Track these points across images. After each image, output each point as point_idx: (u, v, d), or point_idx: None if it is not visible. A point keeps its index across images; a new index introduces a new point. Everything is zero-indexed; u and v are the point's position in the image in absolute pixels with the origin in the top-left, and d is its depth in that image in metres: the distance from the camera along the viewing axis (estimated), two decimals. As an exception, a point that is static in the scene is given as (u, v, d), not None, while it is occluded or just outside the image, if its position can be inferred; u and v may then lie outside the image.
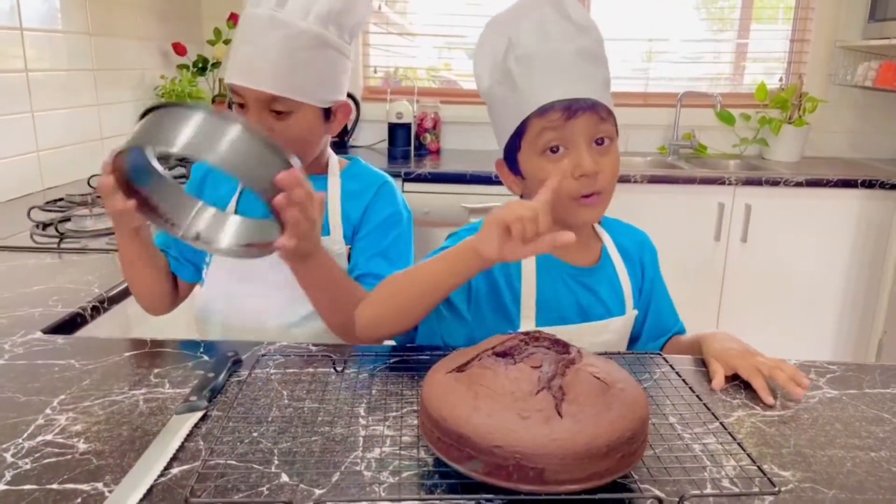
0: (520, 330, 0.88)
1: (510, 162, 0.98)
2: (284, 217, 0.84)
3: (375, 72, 3.19)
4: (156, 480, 0.63)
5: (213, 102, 2.78)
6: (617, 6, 3.04)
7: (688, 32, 3.13)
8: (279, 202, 0.82)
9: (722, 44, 3.22)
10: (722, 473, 0.66)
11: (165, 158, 2.00)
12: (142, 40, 2.54)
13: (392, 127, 2.87)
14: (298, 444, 0.70)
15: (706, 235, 2.55)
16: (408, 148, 2.89)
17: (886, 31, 2.61)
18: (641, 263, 1.08)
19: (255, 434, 0.72)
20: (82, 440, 0.71)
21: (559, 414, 0.61)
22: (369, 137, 3.03)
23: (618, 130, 0.95)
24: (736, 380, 0.88)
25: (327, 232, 1.09)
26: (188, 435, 0.71)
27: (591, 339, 0.97)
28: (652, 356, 0.94)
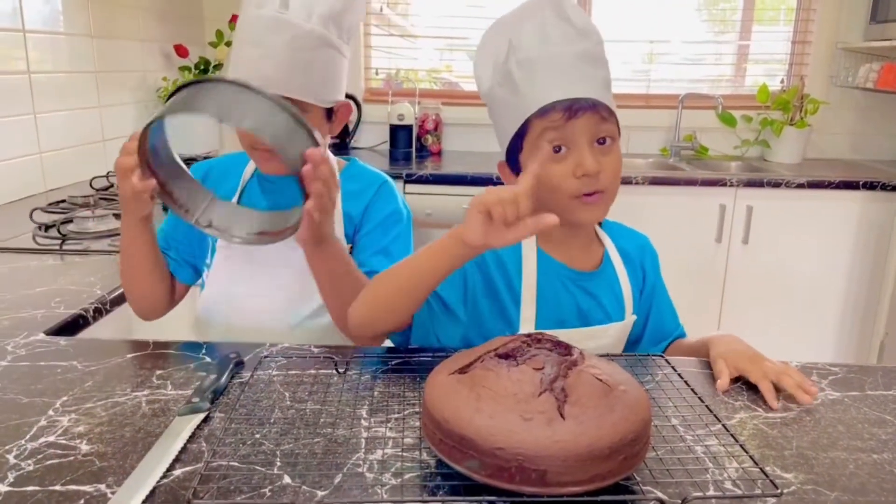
0: (518, 332, 0.88)
1: (512, 163, 0.98)
2: (310, 189, 0.87)
3: (377, 73, 3.19)
4: (158, 482, 0.64)
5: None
6: (618, 8, 3.04)
7: (689, 34, 3.14)
8: (307, 172, 0.86)
9: (723, 45, 3.22)
10: (724, 475, 0.66)
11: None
12: (143, 42, 2.55)
13: (393, 129, 2.88)
14: (301, 446, 0.70)
15: (707, 237, 2.55)
16: (409, 149, 2.89)
17: (888, 33, 2.61)
18: (643, 267, 1.07)
19: (258, 436, 0.72)
20: (85, 442, 0.71)
21: (561, 416, 0.61)
22: (371, 139, 3.04)
23: (620, 130, 0.95)
24: (738, 382, 0.88)
25: None
26: (190, 436, 0.71)
27: (588, 344, 0.96)
28: (654, 358, 0.94)
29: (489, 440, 0.60)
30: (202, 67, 2.78)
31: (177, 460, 0.67)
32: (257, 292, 1.11)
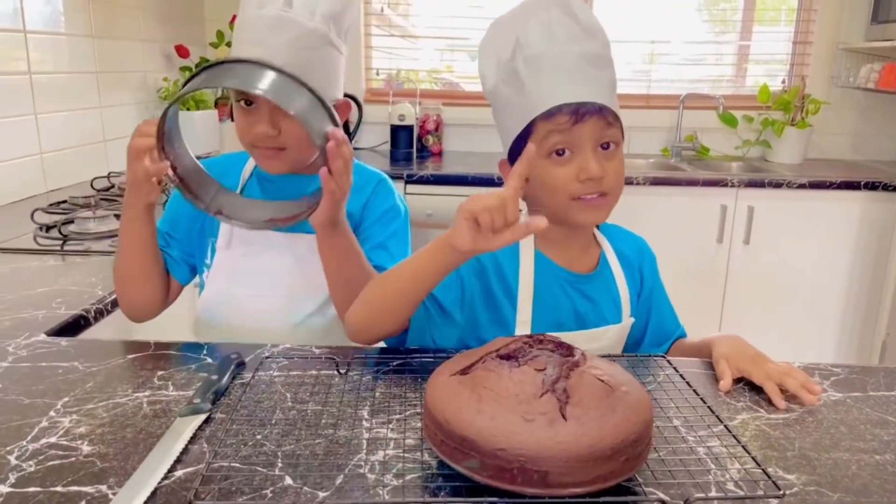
0: (515, 335, 0.88)
1: (514, 162, 0.97)
2: (332, 166, 0.90)
3: (378, 74, 3.19)
4: (160, 483, 0.63)
5: (217, 105, 2.79)
6: (619, 8, 3.04)
7: (690, 34, 3.13)
8: (331, 148, 0.90)
9: (724, 45, 3.22)
10: (726, 476, 0.66)
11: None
12: (144, 43, 2.55)
13: (394, 129, 2.88)
14: (302, 447, 0.70)
15: (709, 237, 2.55)
16: (410, 150, 2.89)
17: (889, 33, 2.61)
18: (640, 270, 1.07)
19: (259, 436, 0.72)
20: (86, 442, 0.71)
21: (563, 417, 0.61)
22: (371, 139, 3.04)
23: (623, 135, 0.95)
24: (741, 382, 0.88)
25: None
26: (192, 437, 0.71)
27: (586, 346, 0.96)
28: (656, 358, 0.94)
29: (491, 441, 0.60)
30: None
31: (178, 461, 0.67)
32: (258, 292, 1.11)
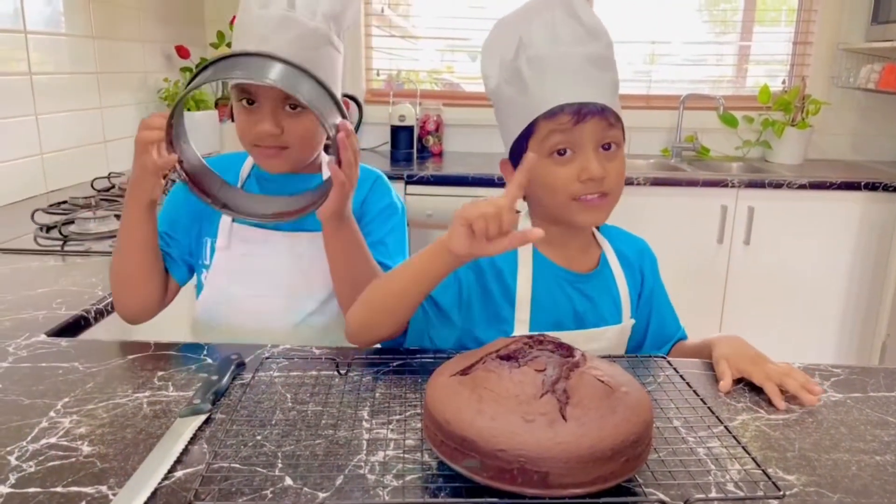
0: (513, 335, 0.88)
1: (515, 163, 0.98)
2: (343, 157, 0.92)
3: (378, 74, 3.19)
4: (160, 484, 0.63)
5: (217, 106, 2.79)
6: (619, 8, 3.04)
7: (690, 35, 3.13)
8: (342, 139, 0.92)
9: (724, 46, 3.22)
10: (726, 477, 0.66)
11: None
12: (145, 43, 2.55)
13: (395, 129, 2.88)
14: (302, 448, 0.70)
15: (709, 238, 2.55)
16: (410, 150, 2.89)
17: (889, 34, 2.61)
18: (641, 271, 1.07)
19: (259, 437, 0.72)
20: (86, 443, 0.71)
21: (563, 417, 0.61)
22: (372, 140, 3.04)
23: (625, 136, 0.95)
24: (741, 383, 0.88)
25: None
26: (192, 438, 0.71)
27: (585, 346, 0.96)
28: (656, 359, 0.94)
29: (491, 442, 0.60)
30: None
31: (178, 462, 0.67)
32: (257, 292, 1.11)
